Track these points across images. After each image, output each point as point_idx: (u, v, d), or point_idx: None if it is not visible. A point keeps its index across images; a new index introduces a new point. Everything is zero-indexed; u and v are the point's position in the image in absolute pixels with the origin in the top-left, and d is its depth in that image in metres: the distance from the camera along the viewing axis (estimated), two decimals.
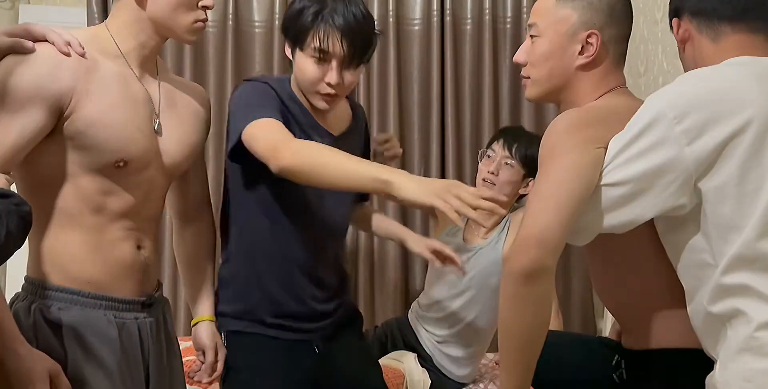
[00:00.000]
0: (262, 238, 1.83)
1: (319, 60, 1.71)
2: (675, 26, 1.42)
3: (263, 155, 1.60)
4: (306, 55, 1.72)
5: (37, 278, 1.50)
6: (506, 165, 2.39)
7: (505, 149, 2.40)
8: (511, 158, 2.38)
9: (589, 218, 1.32)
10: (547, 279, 1.30)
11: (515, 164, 2.38)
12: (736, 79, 1.26)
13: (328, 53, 1.70)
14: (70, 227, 1.50)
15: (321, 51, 1.69)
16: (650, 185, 1.26)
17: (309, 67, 1.72)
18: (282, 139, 1.60)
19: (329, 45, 1.68)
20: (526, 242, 1.28)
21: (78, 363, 1.44)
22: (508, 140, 2.42)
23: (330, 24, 1.68)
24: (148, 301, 1.60)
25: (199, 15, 1.57)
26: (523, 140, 2.43)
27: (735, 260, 1.21)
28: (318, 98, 1.76)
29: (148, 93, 1.58)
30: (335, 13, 1.68)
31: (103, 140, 1.47)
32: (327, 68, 1.71)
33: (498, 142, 2.44)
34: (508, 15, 3.12)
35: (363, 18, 1.72)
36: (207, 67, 3.05)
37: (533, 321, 1.32)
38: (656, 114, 1.25)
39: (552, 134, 1.38)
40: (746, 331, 1.20)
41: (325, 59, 1.71)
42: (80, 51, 1.46)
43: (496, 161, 2.40)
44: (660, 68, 2.48)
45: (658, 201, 1.27)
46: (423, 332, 2.55)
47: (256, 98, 1.74)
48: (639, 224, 1.31)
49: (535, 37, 1.50)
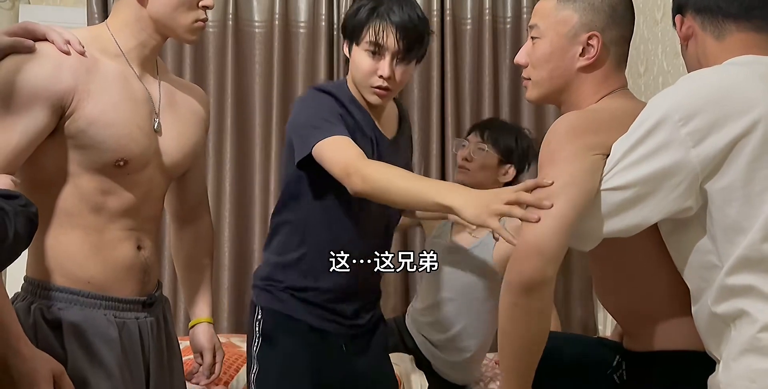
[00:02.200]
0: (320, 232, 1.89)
1: (374, 54, 1.80)
2: (678, 23, 1.40)
3: (337, 176, 1.68)
4: (361, 49, 1.81)
5: (36, 278, 1.50)
6: (479, 150, 2.48)
7: (477, 135, 2.52)
8: (483, 142, 2.49)
9: (595, 222, 1.30)
10: (547, 290, 1.28)
11: (488, 147, 2.48)
12: (740, 79, 1.25)
13: (382, 47, 1.78)
14: (70, 227, 1.49)
15: (376, 45, 1.78)
16: (656, 188, 1.24)
17: (364, 60, 1.81)
18: (352, 162, 1.67)
19: (384, 38, 1.77)
20: (526, 253, 1.27)
21: (78, 363, 1.44)
22: (481, 128, 2.56)
23: (385, 19, 1.78)
24: (148, 301, 1.60)
25: (199, 14, 1.58)
26: (495, 128, 2.57)
27: (740, 261, 1.20)
28: (371, 92, 1.83)
29: (148, 92, 1.58)
30: (391, 11, 1.78)
31: (104, 139, 1.47)
32: (380, 61, 1.80)
33: (472, 132, 2.57)
34: (508, 15, 3.12)
35: (417, 17, 1.81)
36: (207, 67, 3.06)
37: (533, 330, 1.31)
38: (661, 116, 1.24)
39: (552, 139, 1.36)
40: (750, 332, 1.19)
41: (379, 53, 1.79)
42: (80, 50, 1.46)
43: (469, 148, 2.51)
44: (660, 68, 2.48)
45: (665, 204, 1.25)
46: (419, 336, 2.55)
47: (326, 110, 1.81)
48: (645, 227, 1.30)
49: (536, 38, 1.49)
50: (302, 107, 1.86)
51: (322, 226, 1.86)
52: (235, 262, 3.01)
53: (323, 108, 1.81)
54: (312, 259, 1.86)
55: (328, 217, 1.85)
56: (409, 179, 1.62)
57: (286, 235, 1.91)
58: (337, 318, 1.90)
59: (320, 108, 1.81)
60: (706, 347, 1.31)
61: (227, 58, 3.03)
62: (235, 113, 3.03)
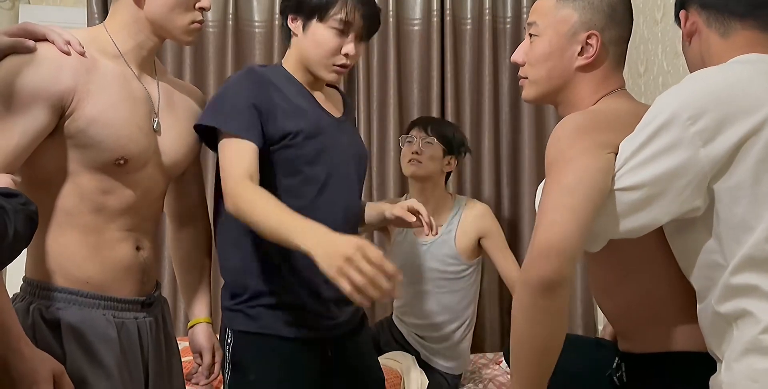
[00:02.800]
0: None
1: (340, 32, 1.81)
2: (683, 18, 1.39)
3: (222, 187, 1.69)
4: (327, 26, 1.81)
5: (35, 279, 1.50)
6: (427, 144, 2.71)
7: (422, 130, 2.74)
8: (429, 136, 2.72)
9: (604, 223, 1.28)
10: (566, 290, 1.24)
11: (434, 140, 2.71)
12: (746, 77, 1.24)
13: (351, 25, 1.81)
14: (69, 227, 1.50)
15: (345, 22, 1.80)
16: (666, 188, 1.22)
17: (330, 38, 1.81)
18: (232, 185, 1.65)
19: (354, 17, 1.80)
20: (546, 253, 1.22)
21: (77, 363, 1.44)
22: (423, 123, 2.78)
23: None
24: (147, 301, 1.60)
25: (195, 16, 1.59)
26: (436, 122, 2.82)
27: (745, 260, 1.19)
28: (330, 70, 1.84)
29: (147, 92, 1.59)
30: None
31: (104, 138, 1.47)
32: (345, 40, 1.82)
33: (414, 128, 2.78)
34: (508, 15, 3.12)
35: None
36: (207, 67, 3.06)
37: (552, 332, 1.27)
38: (670, 115, 1.21)
39: (559, 139, 1.33)
40: (753, 332, 1.18)
41: (345, 32, 1.81)
42: (80, 50, 1.46)
43: (417, 143, 2.72)
44: (660, 68, 2.48)
45: (674, 205, 1.23)
46: (404, 327, 2.73)
47: (243, 97, 1.75)
48: (654, 228, 1.28)
49: (534, 36, 1.48)
50: (230, 85, 1.79)
51: None
52: None
53: (242, 94, 1.75)
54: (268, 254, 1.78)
55: None
56: (273, 215, 1.56)
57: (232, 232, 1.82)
58: (317, 319, 1.82)
59: (239, 92, 1.76)
60: (708, 346, 1.31)
61: (227, 58, 3.03)
62: None
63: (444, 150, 2.73)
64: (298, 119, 1.79)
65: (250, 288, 1.80)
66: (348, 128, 1.96)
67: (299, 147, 1.78)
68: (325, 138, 1.82)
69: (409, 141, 2.75)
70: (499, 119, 3.11)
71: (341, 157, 1.86)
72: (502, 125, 3.11)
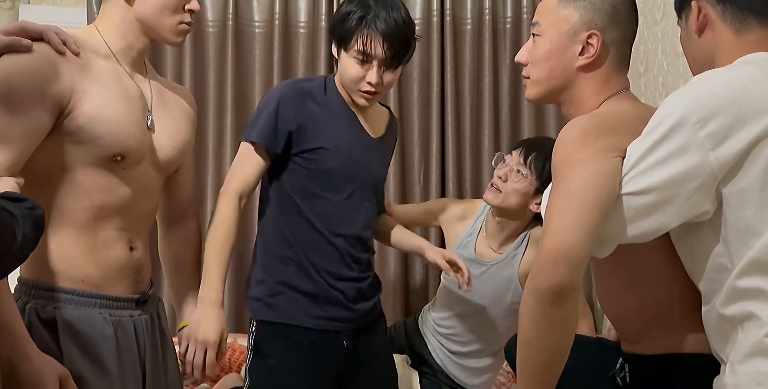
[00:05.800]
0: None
1: (362, 62, 1.87)
2: (695, 10, 1.34)
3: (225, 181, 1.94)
4: (350, 56, 1.88)
5: (30, 279, 1.50)
6: (518, 173, 2.24)
7: (521, 155, 2.25)
8: (524, 166, 2.24)
9: (612, 228, 1.26)
10: (575, 297, 1.24)
11: (528, 173, 2.23)
12: (756, 78, 1.22)
13: (370, 56, 1.86)
14: (65, 226, 1.50)
15: (363, 54, 1.85)
16: (675, 192, 1.21)
17: (352, 67, 1.89)
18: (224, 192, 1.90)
19: (371, 48, 1.85)
20: (553, 259, 1.21)
21: (75, 361, 1.45)
22: (527, 147, 2.29)
23: (372, 29, 1.84)
24: (141, 299, 1.61)
25: (184, 17, 1.61)
26: (541, 150, 2.21)
27: (751, 264, 1.18)
28: (359, 96, 1.92)
29: (140, 90, 1.61)
30: (378, 19, 1.84)
31: (103, 135, 1.48)
32: (368, 69, 1.87)
33: (517, 149, 2.31)
34: (508, 15, 3.12)
35: (404, 23, 1.87)
36: (207, 67, 3.05)
37: (560, 340, 1.26)
38: (678, 118, 1.20)
39: (566, 143, 1.32)
40: (758, 335, 1.18)
41: (367, 61, 1.86)
42: (76, 50, 1.47)
43: (508, 167, 2.27)
44: (660, 68, 2.48)
45: (684, 209, 1.22)
46: (435, 343, 2.47)
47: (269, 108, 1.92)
48: (663, 232, 1.27)
49: (537, 36, 1.48)
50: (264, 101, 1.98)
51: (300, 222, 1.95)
52: (235, 261, 2.99)
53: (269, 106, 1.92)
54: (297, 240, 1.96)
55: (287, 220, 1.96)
56: (211, 256, 1.83)
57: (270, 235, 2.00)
58: (338, 309, 1.93)
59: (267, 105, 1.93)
60: (712, 348, 1.30)
61: (227, 58, 3.03)
62: (235, 112, 3.02)
63: (537, 188, 2.21)
64: (330, 134, 1.91)
65: (271, 280, 1.95)
66: (382, 149, 2.05)
67: (328, 160, 1.90)
68: (354, 154, 1.93)
69: (504, 161, 2.30)
70: (499, 118, 3.11)
71: (367, 175, 1.99)
72: (502, 125, 3.11)
